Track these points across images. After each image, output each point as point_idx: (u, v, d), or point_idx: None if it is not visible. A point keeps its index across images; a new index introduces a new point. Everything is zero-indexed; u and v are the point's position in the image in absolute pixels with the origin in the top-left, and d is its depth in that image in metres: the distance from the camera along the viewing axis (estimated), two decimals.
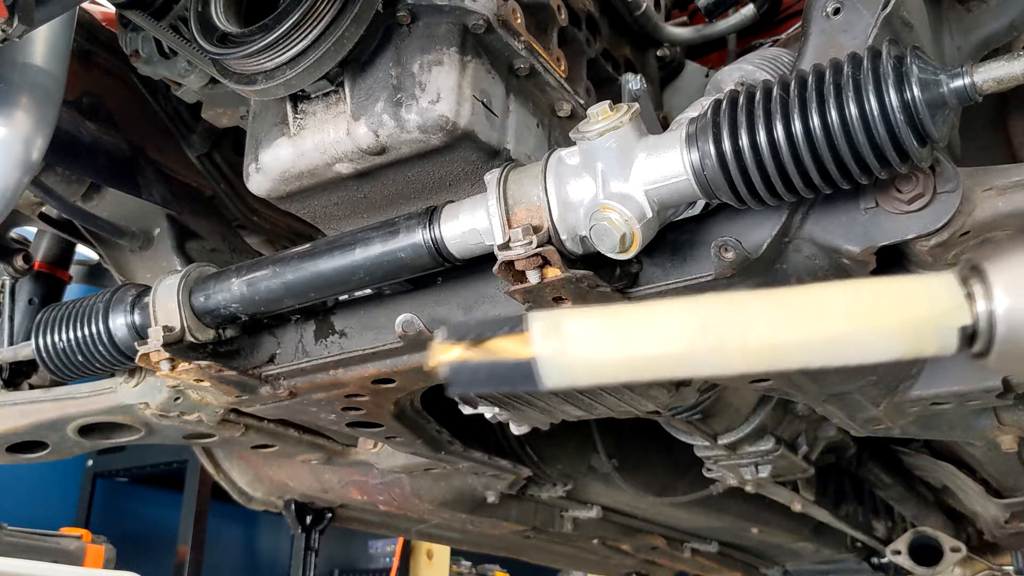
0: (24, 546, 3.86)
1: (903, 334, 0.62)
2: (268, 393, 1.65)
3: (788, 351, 0.62)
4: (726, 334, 0.63)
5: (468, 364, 0.64)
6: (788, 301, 0.63)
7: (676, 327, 0.64)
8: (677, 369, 0.64)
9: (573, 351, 0.64)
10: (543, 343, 0.64)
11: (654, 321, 0.64)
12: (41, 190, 1.75)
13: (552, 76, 1.40)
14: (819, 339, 0.62)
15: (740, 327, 0.63)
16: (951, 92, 0.97)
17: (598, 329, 0.64)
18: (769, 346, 0.62)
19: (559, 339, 0.64)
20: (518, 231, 1.16)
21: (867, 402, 1.72)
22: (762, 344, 0.62)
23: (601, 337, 0.64)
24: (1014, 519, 2.98)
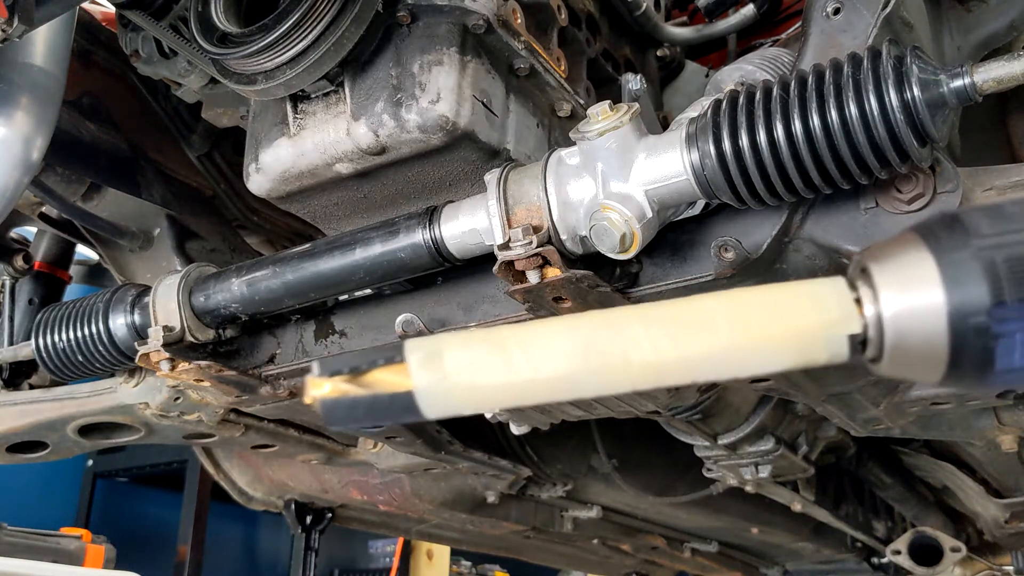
0: (24, 546, 3.86)
1: (791, 345, 0.60)
2: (268, 393, 1.65)
3: (672, 367, 0.61)
4: (607, 354, 0.61)
5: (344, 399, 0.62)
6: (670, 316, 0.62)
7: (557, 350, 0.62)
8: (560, 392, 0.62)
9: (453, 380, 0.62)
10: (421, 373, 0.62)
11: (534, 345, 0.63)
12: (41, 190, 1.75)
13: (552, 76, 1.40)
14: (703, 354, 0.60)
15: (621, 346, 0.61)
16: (951, 92, 0.97)
17: (477, 356, 0.63)
18: (652, 364, 0.61)
19: (438, 368, 0.62)
20: (518, 231, 1.16)
21: (867, 402, 1.72)
22: (645, 362, 0.61)
23: (481, 364, 0.62)
24: (1014, 519, 2.98)
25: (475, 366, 0.62)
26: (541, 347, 0.62)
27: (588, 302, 1.24)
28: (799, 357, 0.60)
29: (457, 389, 0.62)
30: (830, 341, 0.60)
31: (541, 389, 0.62)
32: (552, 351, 0.62)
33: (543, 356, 0.62)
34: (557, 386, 0.62)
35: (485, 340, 0.64)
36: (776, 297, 0.61)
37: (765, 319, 0.60)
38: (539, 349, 0.62)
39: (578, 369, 0.61)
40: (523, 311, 1.31)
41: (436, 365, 0.62)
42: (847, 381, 1.62)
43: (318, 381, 0.62)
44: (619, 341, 0.61)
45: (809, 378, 1.55)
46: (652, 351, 0.61)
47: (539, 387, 0.62)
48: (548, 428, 2.03)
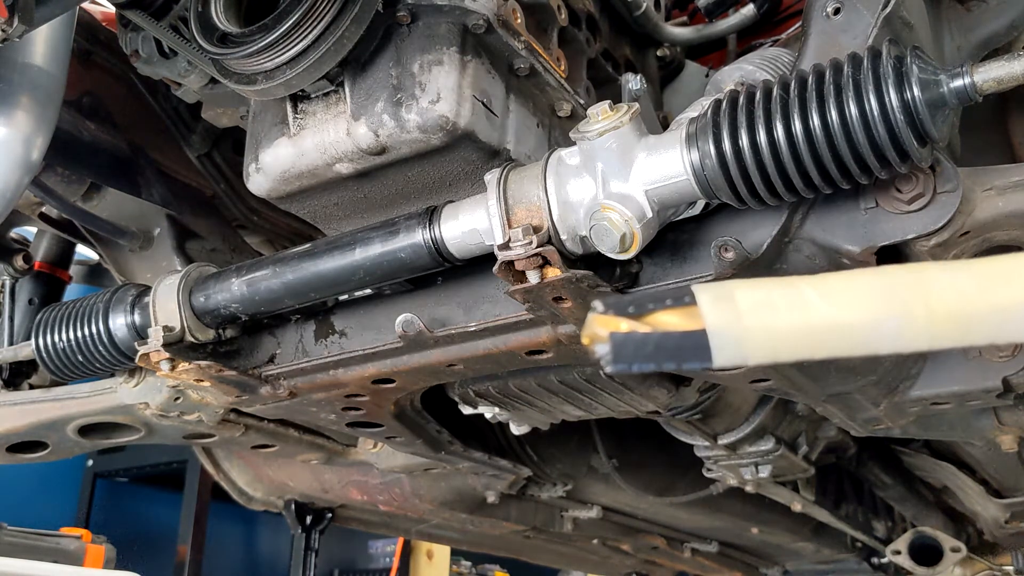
0: (24, 546, 3.85)
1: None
2: (268, 393, 1.65)
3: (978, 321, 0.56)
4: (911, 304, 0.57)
5: (634, 336, 0.58)
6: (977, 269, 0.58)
7: (857, 297, 0.58)
8: (859, 344, 0.58)
9: (747, 322, 0.58)
10: (715, 313, 0.58)
11: (833, 290, 0.59)
12: (41, 190, 1.75)
13: (552, 76, 1.40)
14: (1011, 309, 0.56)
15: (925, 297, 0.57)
16: (951, 92, 0.97)
17: (774, 298, 0.59)
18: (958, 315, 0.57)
19: (732, 310, 0.58)
20: (518, 231, 1.16)
21: (867, 402, 1.72)
22: (949, 314, 0.57)
23: (778, 306, 0.58)
24: (1014, 519, 2.98)
25: (771, 306, 0.58)
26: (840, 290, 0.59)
27: (588, 302, 1.24)
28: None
29: (751, 333, 0.58)
30: None
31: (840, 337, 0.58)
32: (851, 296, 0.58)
33: (842, 300, 0.58)
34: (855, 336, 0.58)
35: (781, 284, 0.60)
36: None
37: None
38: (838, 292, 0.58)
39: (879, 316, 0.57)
40: (523, 311, 1.31)
41: (729, 306, 0.58)
42: (847, 381, 1.62)
43: (606, 318, 0.58)
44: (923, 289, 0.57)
45: (809, 378, 1.55)
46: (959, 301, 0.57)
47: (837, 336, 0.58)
48: (548, 428, 2.03)
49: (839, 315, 0.58)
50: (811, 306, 0.58)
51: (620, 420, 2.20)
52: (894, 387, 1.70)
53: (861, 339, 0.58)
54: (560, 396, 1.72)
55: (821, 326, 0.58)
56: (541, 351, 1.42)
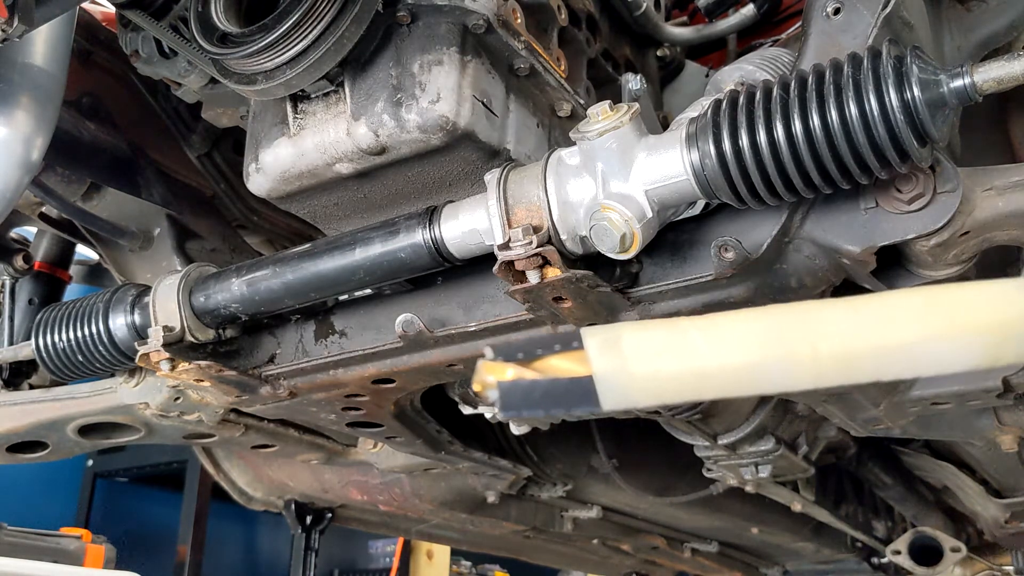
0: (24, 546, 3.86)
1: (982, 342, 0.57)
2: (268, 393, 1.65)
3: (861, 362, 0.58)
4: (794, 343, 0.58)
5: (520, 383, 0.59)
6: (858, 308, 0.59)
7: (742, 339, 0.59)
8: (744, 385, 0.59)
9: (633, 368, 0.59)
10: (601, 359, 0.59)
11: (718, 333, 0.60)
12: (41, 190, 1.75)
13: (552, 76, 1.40)
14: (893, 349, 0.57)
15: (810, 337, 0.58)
16: (951, 92, 0.97)
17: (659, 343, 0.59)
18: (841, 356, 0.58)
19: (618, 355, 0.59)
20: (518, 231, 1.16)
21: (867, 402, 1.72)
22: (834, 354, 0.58)
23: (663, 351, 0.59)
24: (1014, 519, 2.98)
25: (656, 352, 0.59)
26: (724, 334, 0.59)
27: (588, 302, 1.24)
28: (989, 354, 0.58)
29: (637, 379, 0.59)
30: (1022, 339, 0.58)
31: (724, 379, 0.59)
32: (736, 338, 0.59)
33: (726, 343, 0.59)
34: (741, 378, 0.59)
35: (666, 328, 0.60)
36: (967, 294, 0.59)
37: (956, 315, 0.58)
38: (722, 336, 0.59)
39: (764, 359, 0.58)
40: (523, 311, 1.31)
41: (615, 351, 0.59)
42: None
43: (494, 366, 0.59)
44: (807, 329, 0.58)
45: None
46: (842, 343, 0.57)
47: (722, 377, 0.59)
48: (548, 428, 2.03)
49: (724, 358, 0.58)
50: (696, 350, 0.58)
51: (620, 420, 2.20)
52: (894, 387, 1.70)
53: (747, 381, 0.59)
54: None
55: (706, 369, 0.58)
56: None
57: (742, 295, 1.23)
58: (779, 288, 1.24)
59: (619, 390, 0.59)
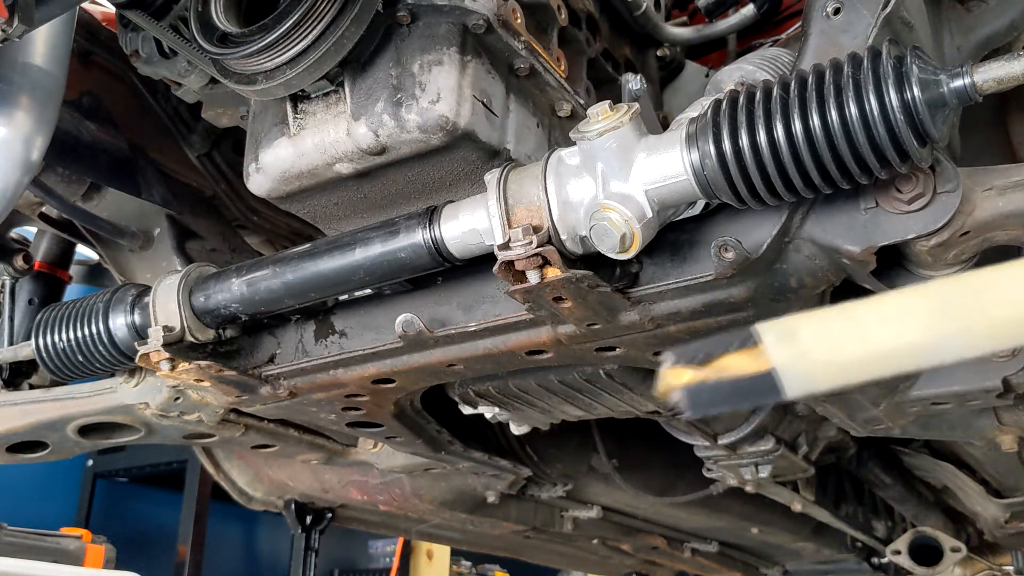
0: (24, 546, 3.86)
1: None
2: (268, 393, 1.65)
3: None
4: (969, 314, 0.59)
5: (706, 385, 0.62)
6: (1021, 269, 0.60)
7: (914, 315, 0.61)
8: (921, 360, 0.61)
9: (812, 356, 0.62)
10: (780, 352, 0.62)
11: (889, 313, 0.62)
12: (41, 190, 1.75)
13: (552, 76, 1.40)
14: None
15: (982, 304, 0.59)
16: (951, 92, 0.97)
17: (833, 330, 0.62)
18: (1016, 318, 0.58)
19: (795, 346, 0.62)
20: (518, 231, 1.16)
21: (867, 402, 1.72)
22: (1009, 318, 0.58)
23: (838, 338, 0.62)
24: (1014, 519, 2.98)
25: (833, 341, 0.61)
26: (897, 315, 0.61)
27: (588, 302, 1.24)
28: None
29: (817, 366, 0.61)
30: None
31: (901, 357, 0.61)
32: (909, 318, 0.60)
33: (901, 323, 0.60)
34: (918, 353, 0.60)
35: (838, 314, 0.63)
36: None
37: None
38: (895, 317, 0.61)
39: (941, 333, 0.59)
40: (523, 311, 1.31)
41: (793, 343, 0.62)
42: None
43: (677, 371, 0.63)
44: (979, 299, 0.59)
45: None
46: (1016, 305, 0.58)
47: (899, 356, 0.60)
48: (548, 428, 2.03)
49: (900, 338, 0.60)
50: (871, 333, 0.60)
51: (620, 420, 2.20)
52: (894, 387, 1.70)
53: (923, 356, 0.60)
54: (560, 396, 1.72)
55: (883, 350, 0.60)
56: (541, 351, 1.42)
57: (742, 295, 1.23)
58: (779, 288, 1.24)
59: (802, 378, 0.62)
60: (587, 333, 1.33)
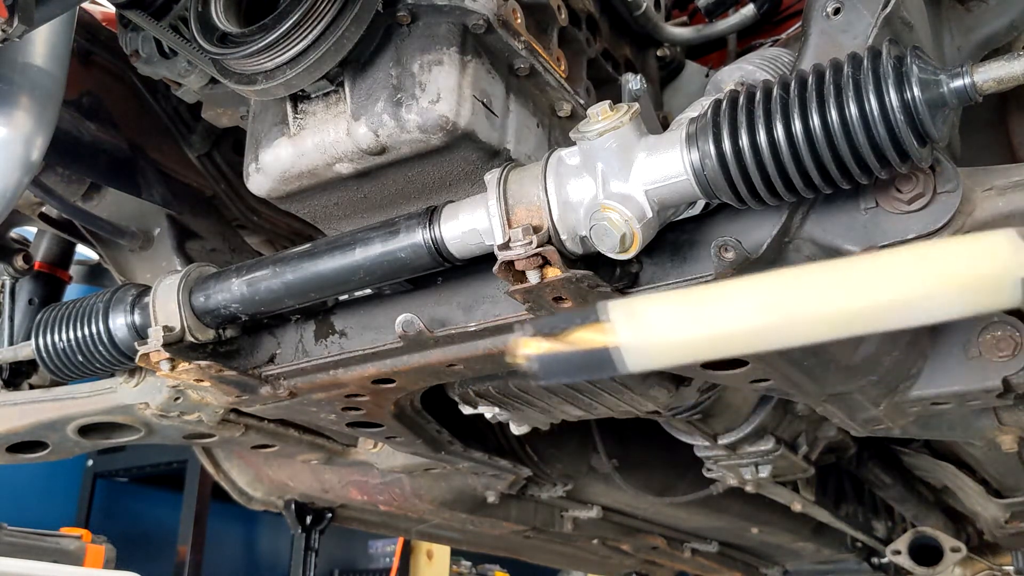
0: (24, 546, 3.86)
1: (971, 290, 0.63)
2: (268, 393, 1.65)
3: (859, 317, 0.64)
4: (800, 306, 0.65)
5: (553, 355, 0.67)
6: (856, 268, 0.65)
7: (749, 303, 0.66)
8: (752, 344, 0.66)
9: (652, 335, 0.66)
10: (623, 330, 0.66)
11: (727, 300, 0.67)
12: (41, 190, 1.75)
13: (552, 76, 1.40)
14: (889, 303, 0.63)
15: (812, 297, 0.64)
16: (951, 92, 0.97)
17: (673, 312, 0.67)
18: (841, 314, 0.64)
19: (638, 325, 0.67)
20: (518, 231, 1.16)
21: (867, 402, 1.72)
22: (835, 311, 0.64)
23: (677, 319, 0.67)
24: (1014, 519, 2.98)
25: (672, 322, 0.66)
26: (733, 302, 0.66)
27: (588, 302, 1.23)
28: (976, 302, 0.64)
29: (656, 345, 0.66)
30: (1007, 285, 0.63)
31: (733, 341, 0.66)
32: (744, 305, 0.66)
33: (735, 310, 0.66)
34: (749, 337, 0.66)
35: (679, 298, 0.68)
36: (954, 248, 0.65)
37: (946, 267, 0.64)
38: (731, 304, 0.66)
39: (772, 320, 0.65)
40: (523, 311, 1.31)
41: (635, 322, 0.67)
42: (847, 381, 1.62)
43: (529, 340, 0.67)
44: (809, 292, 0.65)
45: (809, 378, 1.55)
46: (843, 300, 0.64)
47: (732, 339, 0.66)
48: (548, 428, 2.03)
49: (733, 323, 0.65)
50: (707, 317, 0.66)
51: (620, 420, 2.20)
52: (894, 387, 1.70)
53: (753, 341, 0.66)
54: (560, 396, 1.72)
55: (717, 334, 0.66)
56: None
57: None
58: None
59: (642, 354, 0.66)
60: None
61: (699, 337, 0.66)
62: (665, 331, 0.66)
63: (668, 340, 0.66)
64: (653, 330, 0.66)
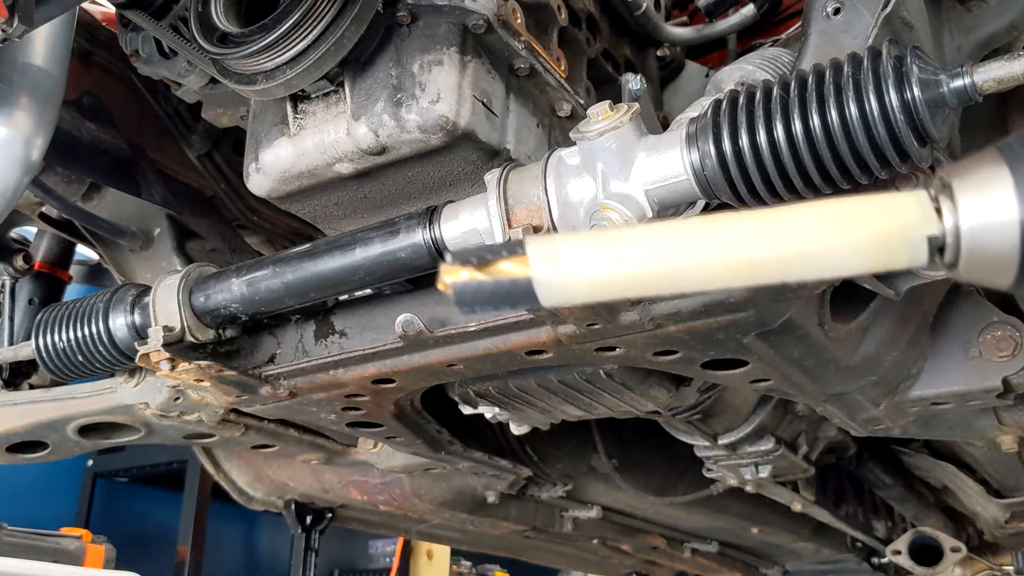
0: (24, 546, 3.86)
1: (875, 246, 0.66)
2: (268, 393, 1.65)
3: (764, 266, 0.66)
4: (706, 251, 0.67)
5: (472, 284, 0.69)
6: (763, 219, 0.68)
7: (660, 248, 0.68)
8: (661, 286, 0.69)
9: (567, 271, 0.68)
10: (540, 264, 0.68)
11: (640, 243, 0.69)
12: (41, 190, 1.75)
13: (552, 76, 1.40)
14: (793, 254, 0.66)
15: (719, 245, 0.67)
16: (951, 92, 0.97)
17: (590, 250, 0.69)
18: (746, 262, 0.67)
19: (555, 260, 0.69)
20: (518, 231, 1.16)
21: (867, 402, 1.72)
22: (739, 260, 0.67)
23: (593, 258, 0.69)
24: (1014, 519, 2.98)
25: (587, 260, 0.68)
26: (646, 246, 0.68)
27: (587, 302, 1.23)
28: (882, 258, 0.66)
29: (570, 281, 0.68)
30: (911, 243, 0.66)
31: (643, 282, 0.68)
32: (656, 249, 0.68)
33: (648, 251, 0.68)
34: (657, 280, 0.68)
35: (597, 238, 0.70)
36: (862, 204, 0.67)
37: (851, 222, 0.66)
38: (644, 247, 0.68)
39: (678, 264, 0.67)
40: (523, 311, 1.31)
41: (552, 257, 0.68)
42: (847, 381, 1.62)
43: (451, 268, 0.69)
44: (717, 239, 0.67)
45: (809, 378, 1.55)
46: (747, 249, 0.66)
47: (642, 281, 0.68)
48: (548, 428, 2.03)
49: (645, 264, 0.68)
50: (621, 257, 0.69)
51: (620, 420, 2.20)
52: (894, 387, 1.70)
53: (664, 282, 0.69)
54: (560, 396, 1.72)
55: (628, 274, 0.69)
56: (541, 351, 1.42)
57: (742, 295, 1.23)
58: (779, 288, 1.24)
59: (555, 290, 0.69)
60: (587, 333, 1.33)
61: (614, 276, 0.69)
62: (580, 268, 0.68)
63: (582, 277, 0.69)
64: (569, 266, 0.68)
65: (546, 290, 0.69)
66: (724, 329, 1.29)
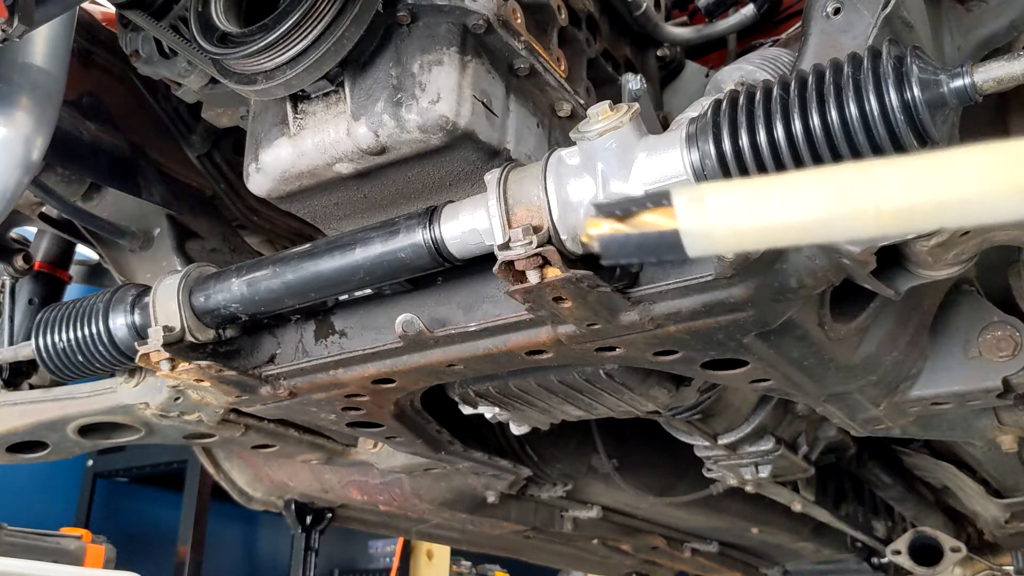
0: (24, 546, 3.86)
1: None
2: (268, 393, 1.65)
3: (920, 213, 0.64)
4: (860, 199, 0.65)
5: (618, 236, 0.68)
6: (920, 165, 0.65)
7: (811, 195, 0.66)
8: (813, 235, 0.67)
9: (714, 221, 0.67)
10: (686, 215, 0.67)
11: (791, 190, 0.67)
12: (41, 190, 1.75)
13: (552, 76, 1.40)
14: (952, 200, 0.63)
15: (873, 191, 0.65)
16: (951, 92, 0.97)
17: (738, 199, 0.67)
18: (904, 209, 0.64)
19: (701, 211, 0.67)
20: (518, 231, 1.16)
21: (867, 402, 1.72)
22: (896, 207, 0.64)
23: (741, 207, 0.67)
24: (1014, 519, 2.98)
25: (735, 210, 0.67)
26: (797, 193, 0.66)
27: (588, 302, 1.24)
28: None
29: (718, 231, 0.67)
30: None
31: (795, 231, 0.67)
32: (807, 196, 0.66)
33: (798, 199, 0.66)
34: (810, 228, 0.66)
35: (745, 186, 0.69)
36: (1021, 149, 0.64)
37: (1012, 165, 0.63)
38: (795, 195, 0.66)
39: (831, 212, 0.65)
40: (523, 311, 1.31)
41: (699, 208, 0.67)
42: (847, 381, 1.62)
43: (596, 221, 0.69)
44: (871, 185, 0.65)
45: (809, 377, 1.55)
46: (903, 196, 0.64)
47: (793, 229, 0.66)
48: (548, 428, 2.03)
49: (795, 213, 0.66)
50: (771, 206, 0.66)
51: (620, 420, 2.20)
52: (894, 387, 1.70)
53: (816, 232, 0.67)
54: (560, 396, 1.72)
55: (779, 223, 0.66)
56: (541, 351, 1.42)
57: (742, 295, 1.23)
58: (779, 288, 1.24)
59: (702, 240, 0.67)
60: (587, 333, 1.33)
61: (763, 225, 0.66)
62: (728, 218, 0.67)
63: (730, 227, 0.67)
64: (716, 216, 0.67)
65: (693, 241, 0.67)
66: (724, 329, 1.29)
